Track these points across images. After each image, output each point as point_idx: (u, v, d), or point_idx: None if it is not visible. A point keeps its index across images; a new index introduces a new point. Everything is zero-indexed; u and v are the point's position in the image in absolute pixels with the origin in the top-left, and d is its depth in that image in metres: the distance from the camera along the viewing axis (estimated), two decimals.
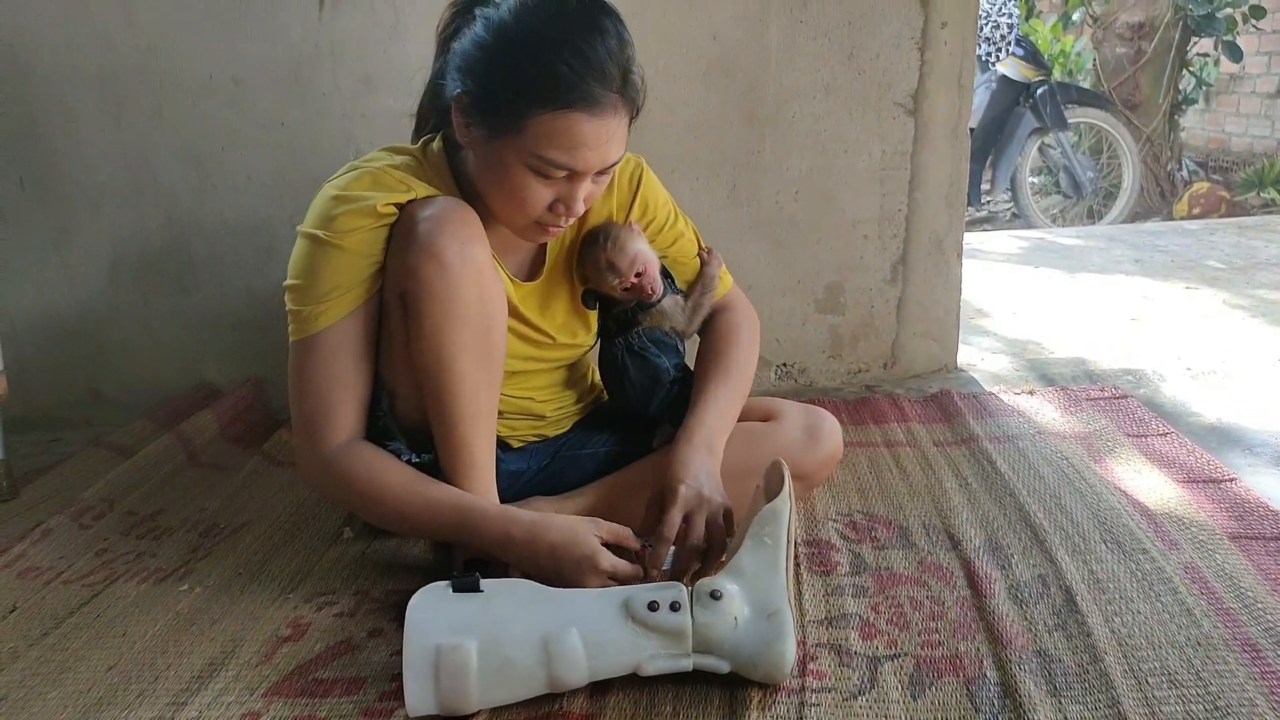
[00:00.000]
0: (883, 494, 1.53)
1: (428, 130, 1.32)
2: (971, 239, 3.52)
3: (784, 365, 2.14)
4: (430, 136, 1.30)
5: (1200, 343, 2.34)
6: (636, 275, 1.32)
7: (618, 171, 1.34)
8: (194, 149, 1.97)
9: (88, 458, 1.81)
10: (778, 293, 2.08)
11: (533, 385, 1.40)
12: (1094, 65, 5.86)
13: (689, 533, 1.21)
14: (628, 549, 1.18)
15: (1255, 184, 5.55)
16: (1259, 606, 1.13)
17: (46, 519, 1.52)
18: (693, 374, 1.42)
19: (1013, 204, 5.30)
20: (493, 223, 1.24)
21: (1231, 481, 1.49)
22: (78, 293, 2.05)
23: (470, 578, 1.06)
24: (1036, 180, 5.42)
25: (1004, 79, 4.97)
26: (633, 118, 1.19)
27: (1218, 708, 0.97)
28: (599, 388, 1.52)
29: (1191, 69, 5.75)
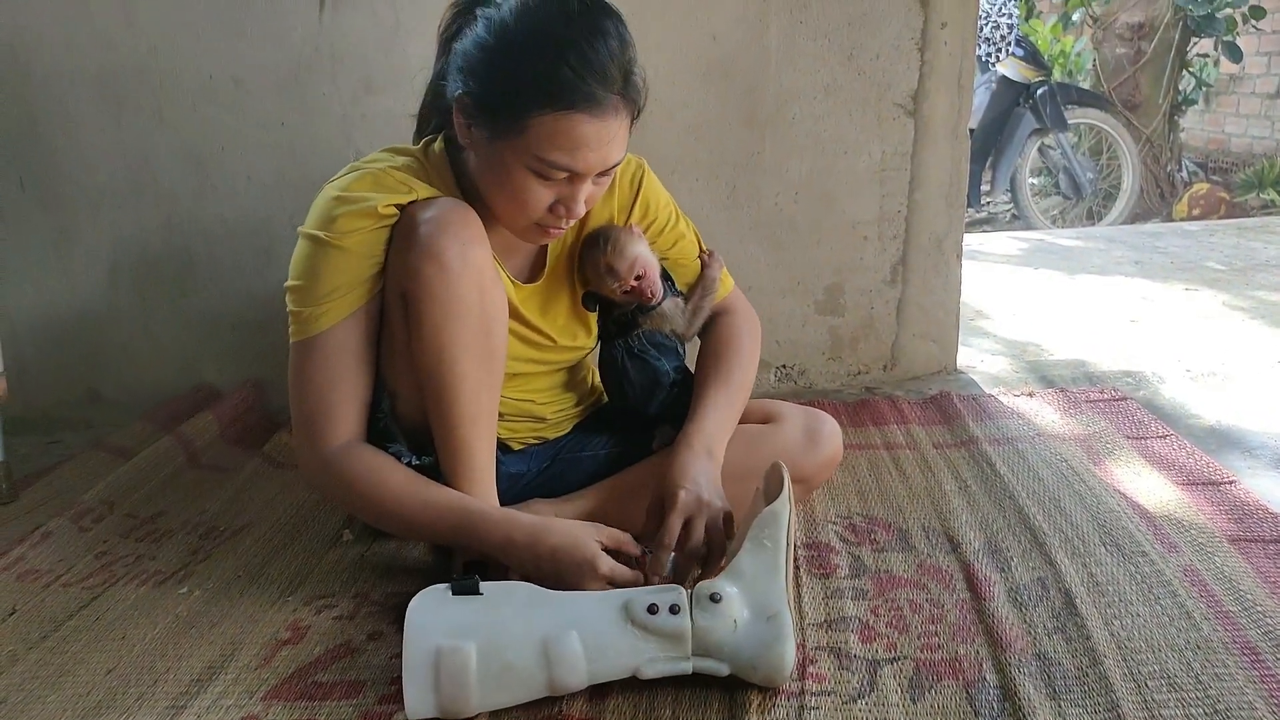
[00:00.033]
0: (882, 496, 1.53)
1: (429, 131, 1.32)
2: (971, 240, 3.52)
3: (783, 367, 2.14)
4: (432, 137, 1.30)
5: (1200, 344, 2.34)
6: (636, 279, 1.32)
7: (619, 173, 1.34)
8: (194, 150, 1.97)
9: (87, 460, 1.81)
10: (777, 294, 2.08)
11: (533, 387, 1.40)
12: (1094, 66, 5.86)
13: (688, 538, 1.21)
14: (628, 554, 1.18)
15: (1255, 185, 5.55)
16: (1258, 610, 1.13)
17: (46, 521, 1.52)
18: (693, 377, 1.42)
19: (1012, 205, 5.30)
20: (494, 224, 1.24)
21: (1231, 484, 1.49)
22: (77, 294, 2.05)
23: (470, 580, 1.06)
24: (1036, 181, 5.42)
25: (1004, 79, 4.97)
26: (634, 119, 1.19)
27: (1217, 711, 0.97)
28: (599, 390, 1.52)
29: (1191, 70, 5.75)
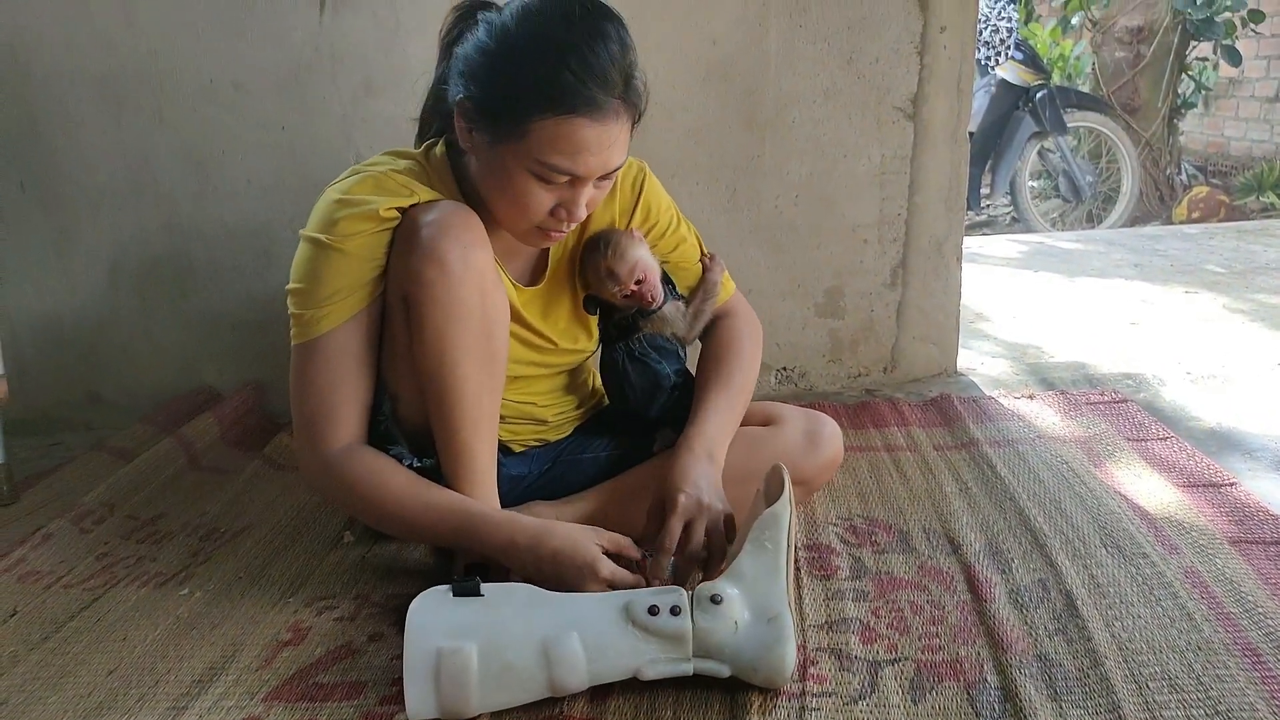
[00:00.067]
0: (883, 498, 1.53)
1: (431, 135, 1.32)
2: (971, 243, 3.52)
3: (784, 369, 2.14)
4: (433, 141, 1.30)
5: (1200, 347, 2.34)
6: (636, 283, 1.33)
7: (620, 176, 1.34)
8: (194, 152, 1.98)
9: (88, 461, 1.81)
10: (777, 297, 2.08)
11: (534, 390, 1.40)
12: (1093, 69, 5.87)
13: (688, 541, 1.21)
14: (628, 558, 1.18)
15: (1254, 188, 5.56)
16: (1259, 611, 1.13)
17: (47, 523, 1.52)
18: (694, 380, 1.42)
19: (1012, 208, 5.31)
20: (495, 227, 1.24)
21: (1231, 486, 1.49)
22: (78, 296, 2.05)
23: (471, 582, 1.06)
24: (1036, 184, 5.43)
25: (1003, 83, 4.98)
26: (635, 123, 1.19)
27: (1218, 712, 0.97)
28: (600, 392, 1.52)
29: (1190, 73, 5.75)
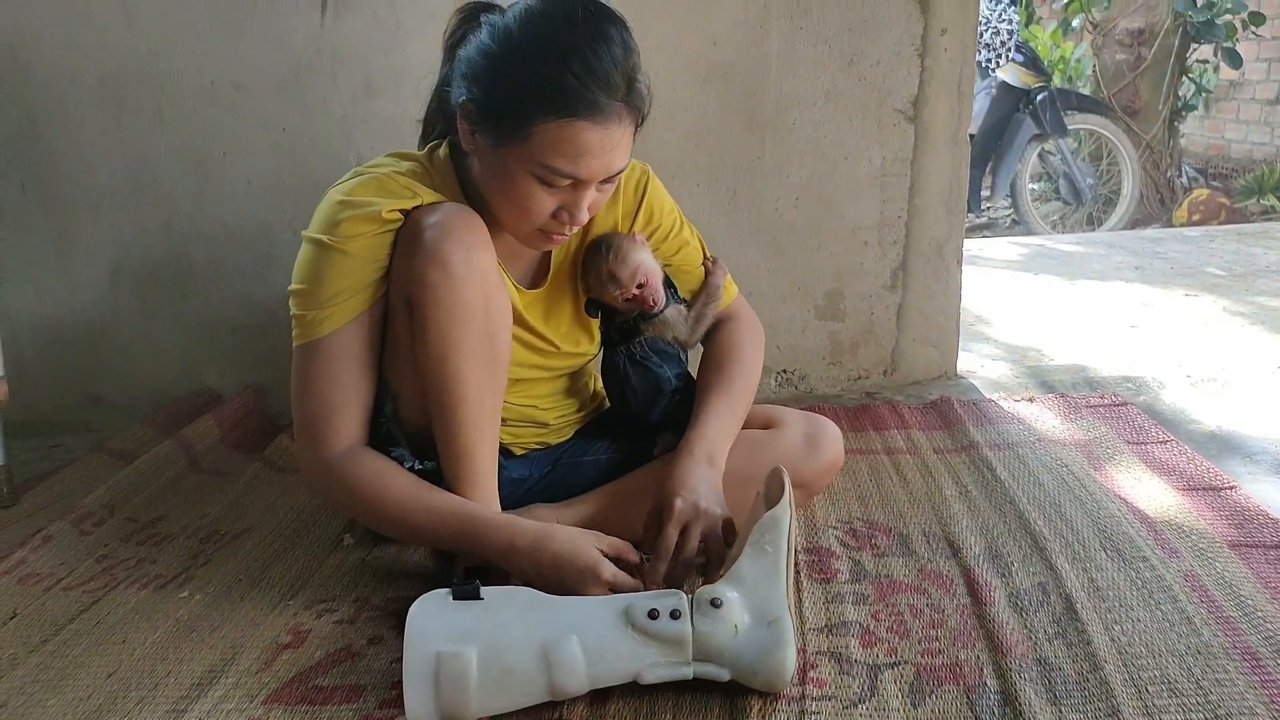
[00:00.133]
0: (883, 501, 1.53)
1: (434, 136, 1.32)
2: (971, 245, 3.53)
3: (784, 372, 2.14)
4: (436, 143, 1.30)
5: (1200, 350, 2.34)
6: (638, 286, 1.32)
7: (623, 179, 1.34)
8: (194, 152, 1.98)
9: (88, 463, 1.81)
10: (778, 299, 2.08)
11: (536, 393, 1.40)
12: (1094, 72, 5.87)
13: (684, 546, 1.21)
14: (627, 562, 1.18)
15: (1255, 191, 5.56)
16: (1259, 615, 1.13)
17: (47, 525, 1.52)
18: (695, 384, 1.42)
19: (1012, 210, 5.30)
20: (497, 230, 1.24)
21: (1231, 489, 1.49)
22: (78, 297, 2.05)
23: (470, 585, 1.06)
24: (1036, 187, 5.43)
25: (1004, 85, 4.98)
26: (638, 126, 1.19)
27: (1218, 716, 0.97)
28: (601, 395, 1.52)
29: (1191, 75, 5.75)
